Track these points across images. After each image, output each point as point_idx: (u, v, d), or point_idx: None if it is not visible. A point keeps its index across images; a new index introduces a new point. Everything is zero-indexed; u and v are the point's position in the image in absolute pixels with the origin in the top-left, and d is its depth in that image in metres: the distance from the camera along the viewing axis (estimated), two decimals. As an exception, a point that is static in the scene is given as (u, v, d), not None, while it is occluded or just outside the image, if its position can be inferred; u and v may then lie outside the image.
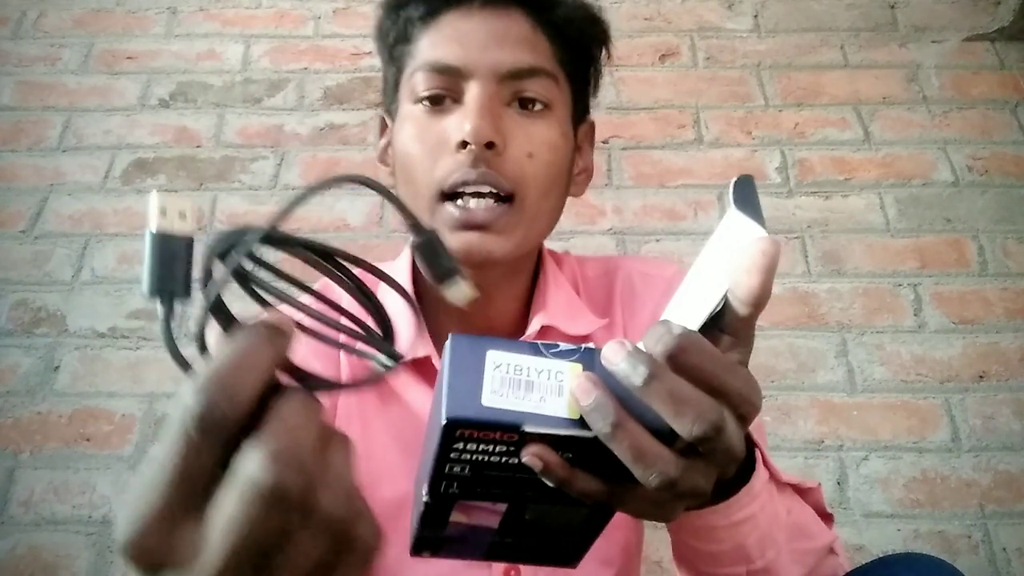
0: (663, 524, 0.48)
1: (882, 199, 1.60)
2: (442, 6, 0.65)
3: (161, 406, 1.37)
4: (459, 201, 0.60)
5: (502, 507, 0.39)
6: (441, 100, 0.62)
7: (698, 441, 0.35)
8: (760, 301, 0.37)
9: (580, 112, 0.70)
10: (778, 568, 0.52)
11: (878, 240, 1.55)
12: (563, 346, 0.37)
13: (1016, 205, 1.59)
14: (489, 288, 0.65)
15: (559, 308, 0.69)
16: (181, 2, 1.86)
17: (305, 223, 1.56)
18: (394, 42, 0.68)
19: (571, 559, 0.45)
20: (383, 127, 0.72)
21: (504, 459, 0.36)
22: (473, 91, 0.61)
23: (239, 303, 0.31)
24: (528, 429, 0.34)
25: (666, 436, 0.35)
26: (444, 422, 0.34)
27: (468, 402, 0.34)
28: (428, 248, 0.37)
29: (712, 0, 1.89)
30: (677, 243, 1.54)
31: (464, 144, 0.59)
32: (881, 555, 1.30)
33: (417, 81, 0.63)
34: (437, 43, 0.63)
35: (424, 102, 0.63)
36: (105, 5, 1.86)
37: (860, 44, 1.81)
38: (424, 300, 0.69)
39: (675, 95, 1.72)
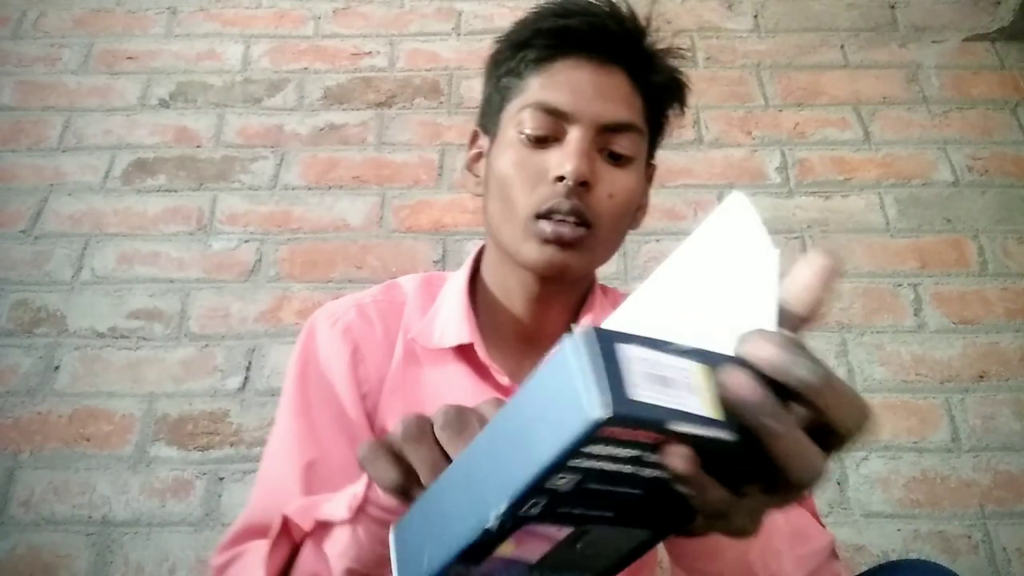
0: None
1: (882, 199, 1.60)
2: (557, 54, 0.74)
3: (161, 406, 1.37)
4: (553, 218, 0.70)
5: (564, 532, 0.36)
6: (545, 137, 0.72)
7: (851, 439, 0.35)
8: (817, 316, 0.37)
9: (649, 158, 0.81)
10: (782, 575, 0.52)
11: (878, 240, 1.55)
12: (676, 344, 0.34)
13: (1016, 205, 1.59)
14: (550, 298, 0.77)
15: (604, 316, 0.73)
16: (181, 2, 1.86)
17: (306, 223, 1.56)
18: (505, 73, 0.77)
19: None
20: (474, 138, 0.82)
21: (620, 467, 0.32)
22: (575, 135, 0.71)
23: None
24: (676, 428, 0.31)
25: None
26: (595, 420, 0.30)
27: (620, 397, 0.30)
28: None
29: (712, 0, 1.89)
30: (677, 243, 1.53)
31: (561, 178, 0.69)
32: (881, 555, 1.30)
33: (525, 116, 0.73)
34: (549, 86, 0.73)
35: (529, 136, 0.72)
36: (105, 5, 1.86)
37: (860, 44, 1.81)
38: (481, 298, 0.80)
39: (675, 95, 1.72)
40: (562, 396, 0.32)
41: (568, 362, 0.32)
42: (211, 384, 1.39)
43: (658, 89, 0.78)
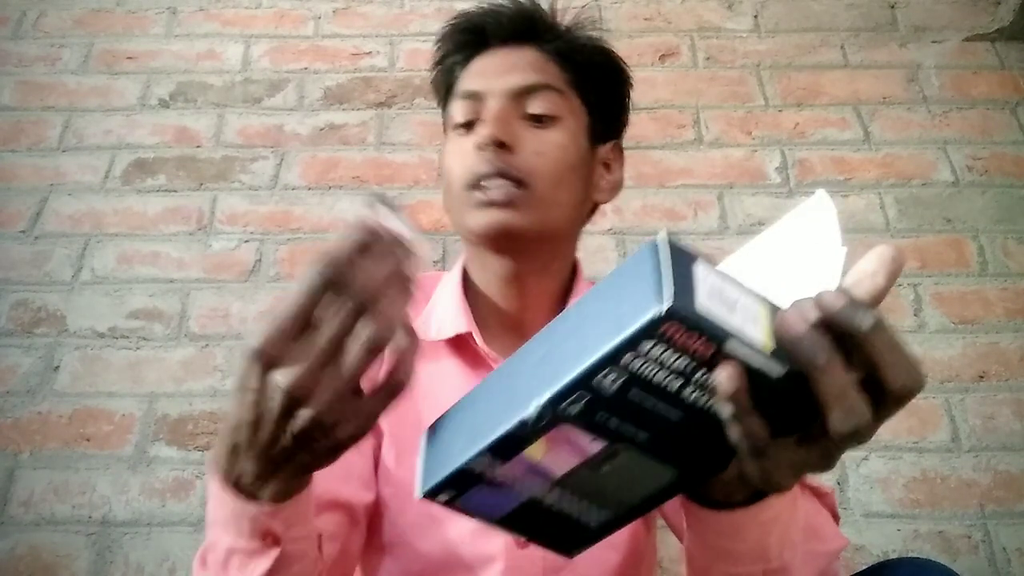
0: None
1: (882, 199, 1.60)
2: (473, 52, 0.81)
3: (161, 406, 1.37)
4: (482, 183, 0.73)
5: (595, 448, 0.36)
6: (470, 124, 0.77)
7: (900, 397, 0.36)
8: (877, 304, 0.38)
9: (602, 132, 0.83)
10: (792, 569, 0.52)
11: (878, 240, 1.54)
12: (745, 284, 0.35)
13: (1016, 205, 1.59)
14: (525, 278, 0.77)
15: None
16: (181, 2, 1.86)
17: (305, 223, 1.56)
18: (445, 90, 0.84)
19: (578, 545, 0.43)
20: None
21: (667, 379, 0.33)
22: (490, 106, 0.76)
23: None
24: (731, 346, 0.33)
25: None
26: (663, 311, 0.31)
27: (687, 298, 0.32)
28: None
29: (712, 0, 1.89)
30: (677, 243, 1.54)
31: (484, 147, 0.73)
32: (881, 555, 1.30)
33: (454, 110, 0.79)
34: (466, 78, 0.80)
35: (459, 129, 0.78)
36: (105, 5, 1.86)
37: (860, 44, 1.81)
38: (471, 292, 0.81)
39: (675, 95, 1.72)
40: (631, 291, 0.33)
41: (644, 260, 0.33)
42: (211, 384, 1.39)
43: (571, 53, 0.81)
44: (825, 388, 0.35)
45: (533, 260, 0.77)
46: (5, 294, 1.47)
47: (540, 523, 0.41)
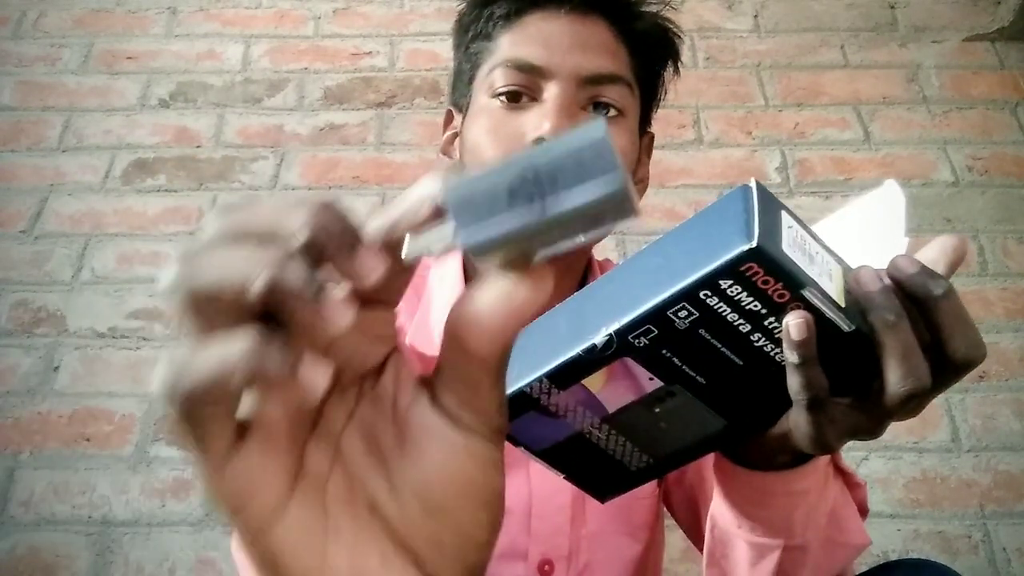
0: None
1: (882, 199, 1.60)
2: (528, 6, 0.67)
3: (161, 406, 1.37)
4: None
5: (653, 386, 0.37)
6: (519, 97, 0.64)
7: (961, 366, 0.36)
8: None
9: (643, 123, 0.73)
10: (811, 551, 0.51)
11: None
12: (824, 241, 0.36)
13: (1016, 205, 1.59)
14: None
15: None
16: (181, 2, 1.87)
17: (305, 223, 1.56)
18: (473, 37, 0.70)
19: (612, 490, 0.43)
20: (448, 119, 0.74)
21: (738, 322, 0.34)
22: (553, 91, 0.63)
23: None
24: (808, 294, 0.33)
25: None
26: (750, 247, 0.32)
27: (773, 241, 0.33)
28: None
29: (712, 0, 1.89)
30: (677, 243, 1.54)
31: (540, 140, 0.60)
32: (881, 555, 1.30)
33: (496, 76, 0.65)
34: (520, 42, 0.66)
35: (502, 97, 0.64)
36: (105, 5, 1.86)
37: (860, 44, 1.81)
38: (473, 281, 0.75)
39: (675, 95, 1.70)
40: (718, 229, 0.33)
41: (735, 201, 0.34)
42: (211, 384, 1.39)
43: (643, 38, 0.70)
44: (890, 346, 0.35)
45: (560, 267, 0.68)
46: (5, 294, 1.47)
47: (581, 460, 0.41)
